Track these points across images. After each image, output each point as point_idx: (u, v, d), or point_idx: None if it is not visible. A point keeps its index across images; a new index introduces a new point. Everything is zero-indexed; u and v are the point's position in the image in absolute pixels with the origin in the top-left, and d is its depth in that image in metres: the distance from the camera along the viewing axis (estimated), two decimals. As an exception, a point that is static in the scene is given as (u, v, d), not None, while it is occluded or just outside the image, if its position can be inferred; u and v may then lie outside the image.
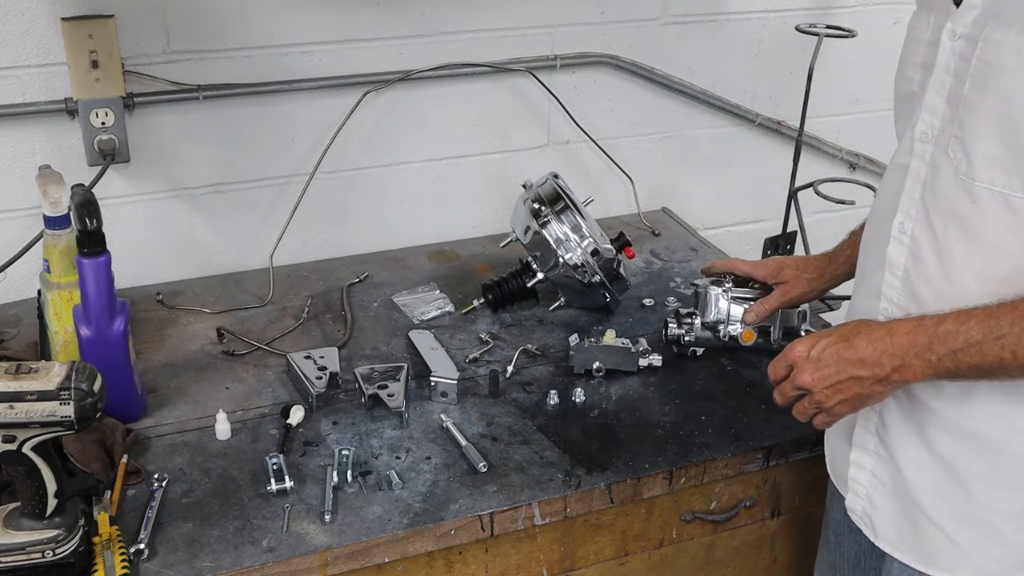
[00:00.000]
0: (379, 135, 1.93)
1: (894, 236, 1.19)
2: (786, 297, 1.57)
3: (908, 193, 1.17)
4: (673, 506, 1.48)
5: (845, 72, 2.24)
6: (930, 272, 1.15)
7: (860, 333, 1.14)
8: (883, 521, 1.26)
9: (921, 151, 1.15)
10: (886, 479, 1.25)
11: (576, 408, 1.52)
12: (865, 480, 1.27)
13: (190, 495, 1.32)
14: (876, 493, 1.26)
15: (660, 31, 2.07)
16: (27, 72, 1.65)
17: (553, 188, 1.70)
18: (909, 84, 1.20)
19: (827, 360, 1.15)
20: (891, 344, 1.11)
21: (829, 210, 1.90)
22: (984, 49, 1.06)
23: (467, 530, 1.31)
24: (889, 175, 1.23)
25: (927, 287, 1.15)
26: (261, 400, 1.51)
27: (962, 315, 1.08)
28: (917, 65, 1.18)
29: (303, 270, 1.91)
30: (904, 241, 1.18)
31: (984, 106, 1.07)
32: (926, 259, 1.15)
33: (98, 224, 1.32)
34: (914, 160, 1.16)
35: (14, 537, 1.16)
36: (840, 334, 1.16)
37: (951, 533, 1.19)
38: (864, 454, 1.27)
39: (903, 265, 1.18)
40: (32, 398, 1.09)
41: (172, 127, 1.77)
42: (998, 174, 1.06)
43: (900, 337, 1.11)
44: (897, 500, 1.24)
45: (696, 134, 2.21)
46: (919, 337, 1.10)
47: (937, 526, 1.20)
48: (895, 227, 1.19)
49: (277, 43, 1.79)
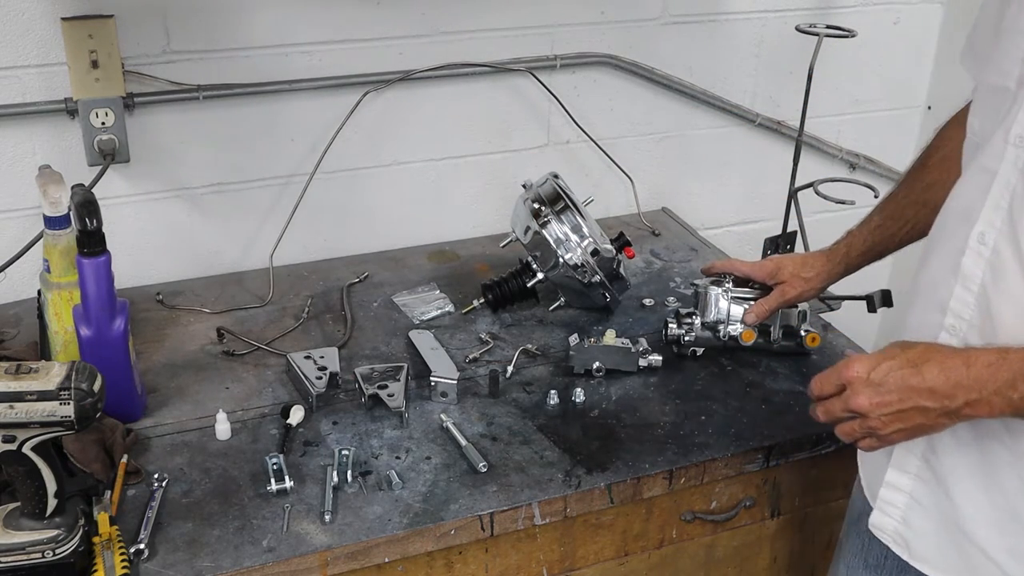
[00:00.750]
0: (379, 135, 1.93)
1: (971, 247, 1.09)
2: (785, 297, 1.56)
3: (994, 201, 1.07)
4: (673, 506, 1.48)
5: (845, 72, 2.24)
6: (1013, 289, 1.05)
7: (931, 360, 1.05)
8: (923, 543, 1.20)
9: (1015, 156, 1.05)
10: (928, 503, 1.18)
11: (576, 408, 1.52)
12: (901, 502, 1.20)
13: (190, 495, 1.32)
14: (914, 515, 1.20)
15: (660, 31, 2.07)
16: (27, 72, 1.65)
17: (553, 188, 1.70)
18: (1004, 79, 1.09)
19: (891, 385, 1.06)
20: (967, 376, 1.02)
21: (829, 210, 1.91)
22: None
23: (467, 530, 1.31)
24: (969, 179, 1.13)
25: (1009, 305, 1.06)
26: (261, 400, 1.51)
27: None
28: (1018, 60, 1.07)
29: (303, 270, 1.91)
30: (984, 254, 1.08)
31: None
32: (1008, 275, 1.06)
33: (98, 224, 1.32)
34: (1004, 165, 1.06)
35: (14, 537, 1.16)
36: (907, 358, 1.07)
37: (1007, 568, 1.12)
38: (903, 476, 1.19)
39: (980, 279, 1.09)
40: (32, 398, 1.09)
41: (172, 127, 1.77)
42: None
43: (979, 369, 1.02)
44: (942, 525, 1.17)
45: (696, 134, 2.21)
46: (1002, 372, 1.01)
47: (990, 558, 1.13)
48: (974, 237, 1.09)
49: (277, 43, 1.79)
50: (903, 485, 1.20)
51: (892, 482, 1.21)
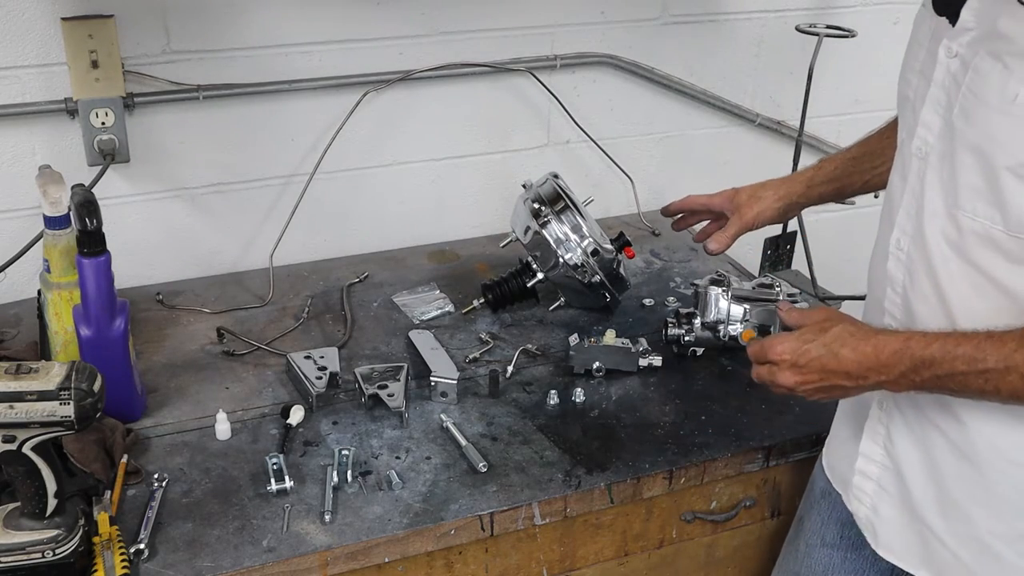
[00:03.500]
0: (379, 135, 1.93)
1: (892, 252, 1.18)
2: (743, 219, 1.55)
3: (905, 209, 1.15)
4: (673, 506, 1.48)
5: (845, 72, 2.24)
6: (926, 291, 1.13)
7: (846, 344, 1.13)
8: (887, 531, 1.25)
9: (918, 168, 1.13)
10: (892, 490, 1.24)
11: (576, 408, 1.52)
12: (870, 489, 1.27)
13: (190, 495, 1.32)
14: (882, 503, 1.26)
15: (660, 31, 2.07)
16: (27, 72, 1.65)
17: (553, 188, 1.70)
18: (907, 88, 1.17)
19: (811, 368, 1.16)
20: (877, 361, 1.11)
21: (829, 210, 1.90)
22: (973, 78, 1.03)
23: (467, 530, 1.31)
24: (891, 186, 1.21)
25: (923, 305, 1.14)
26: (261, 400, 1.51)
27: (950, 342, 1.06)
28: (916, 71, 1.15)
29: (303, 270, 1.91)
30: (901, 258, 1.17)
31: (968, 136, 1.04)
32: (921, 276, 1.14)
33: (98, 224, 1.32)
34: (911, 176, 1.14)
35: (14, 537, 1.16)
36: (824, 342, 1.15)
37: (956, 551, 1.18)
38: (870, 464, 1.26)
39: (902, 282, 1.17)
40: (32, 398, 1.09)
41: (172, 127, 1.77)
42: (980, 205, 1.04)
43: (886, 357, 1.10)
44: (904, 512, 1.23)
45: (696, 134, 2.21)
46: (903, 359, 1.09)
47: (942, 542, 1.19)
48: (892, 243, 1.17)
49: (277, 43, 1.79)
50: (871, 473, 1.27)
51: (861, 469, 1.28)
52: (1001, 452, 1.11)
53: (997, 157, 1.01)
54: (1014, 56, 0.99)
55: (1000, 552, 1.14)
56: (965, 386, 1.06)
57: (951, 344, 1.06)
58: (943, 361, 1.06)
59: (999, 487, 1.12)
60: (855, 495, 1.29)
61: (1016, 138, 0.99)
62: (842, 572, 1.34)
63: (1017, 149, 0.99)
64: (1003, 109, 0.99)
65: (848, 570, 1.34)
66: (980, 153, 1.03)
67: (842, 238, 2.24)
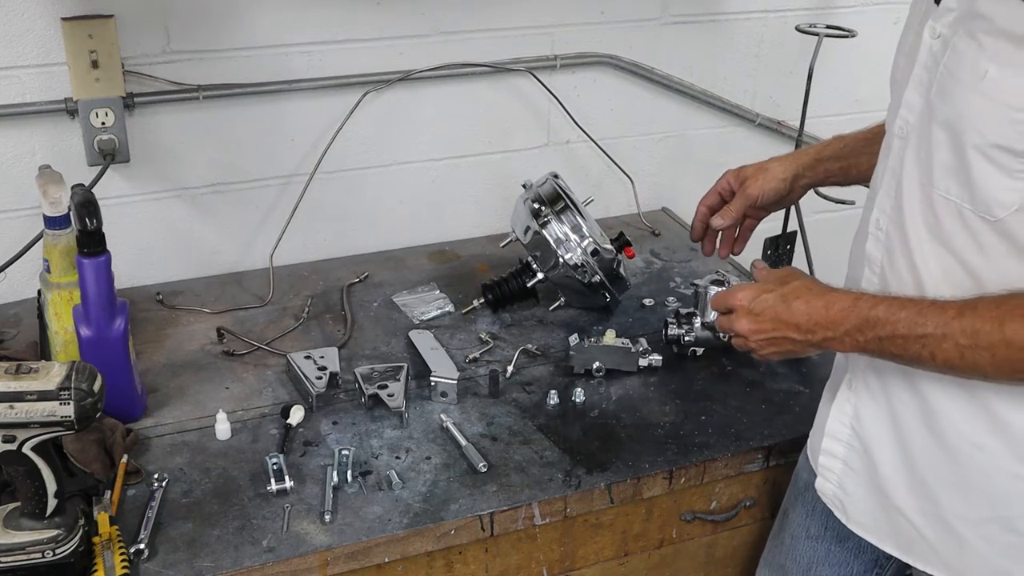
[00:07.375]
0: (379, 135, 1.93)
1: (871, 232, 1.19)
2: (747, 192, 1.54)
3: (885, 189, 1.16)
4: (673, 506, 1.48)
5: (845, 72, 2.24)
6: (902, 272, 1.14)
7: (800, 298, 1.17)
8: (856, 507, 1.27)
9: (898, 148, 1.14)
10: (859, 468, 1.26)
11: (576, 408, 1.52)
12: (836, 468, 1.29)
13: (190, 495, 1.32)
14: (848, 481, 1.27)
15: (660, 31, 2.07)
16: (27, 72, 1.65)
17: (553, 188, 1.70)
18: (896, 71, 1.19)
19: (764, 315, 1.20)
20: (826, 316, 1.14)
21: (829, 210, 1.91)
22: (951, 57, 1.04)
23: (467, 530, 1.31)
24: (876, 168, 1.22)
25: (900, 286, 1.15)
26: (261, 400, 1.51)
27: (895, 305, 1.08)
28: (905, 53, 1.17)
29: (303, 270, 1.91)
30: (880, 238, 1.18)
31: (942, 114, 1.05)
32: (898, 256, 1.15)
33: (98, 224, 1.32)
34: (891, 156, 1.15)
35: (14, 537, 1.16)
36: (781, 293, 1.19)
37: (921, 529, 1.19)
38: (836, 443, 1.28)
39: (880, 262, 1.18)
40: (32, 398, 1.09)
41: (172, 127, 1.77)
42: (952, 184, 1.05)
43: (835, 312, 1.13)
44: (871, 489, 1.25)
45: (696, 134, 2.21)
46: (851, 317, 1.11)
47: (909, 520, 1.20)
48: (872, 223, 1.19)
49: (277, 43, 1.79)
50: (837, 452, 1.28)
51: (828, 449, 1.30)
52: (965, 436, 1.12)
53: (967, 134, 1.02)
54: (989, 34, 0.99)
55: (963, 534, 1.15)
56: (905, 350, 1.07)
57: (896, 307, 1.08)
58: (886, 322, 1.08)
59: (966, 470, 1.13)
60: (821, 473, 1.30)
61: (984, 116, 1.00)
62: (826, 564, 1.35)
63: (984, 128, 1.00)
64: (974, 87, 1.01)
65: (832, 562, 1.35)
66: (952, 130, 1.04)
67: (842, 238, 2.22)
